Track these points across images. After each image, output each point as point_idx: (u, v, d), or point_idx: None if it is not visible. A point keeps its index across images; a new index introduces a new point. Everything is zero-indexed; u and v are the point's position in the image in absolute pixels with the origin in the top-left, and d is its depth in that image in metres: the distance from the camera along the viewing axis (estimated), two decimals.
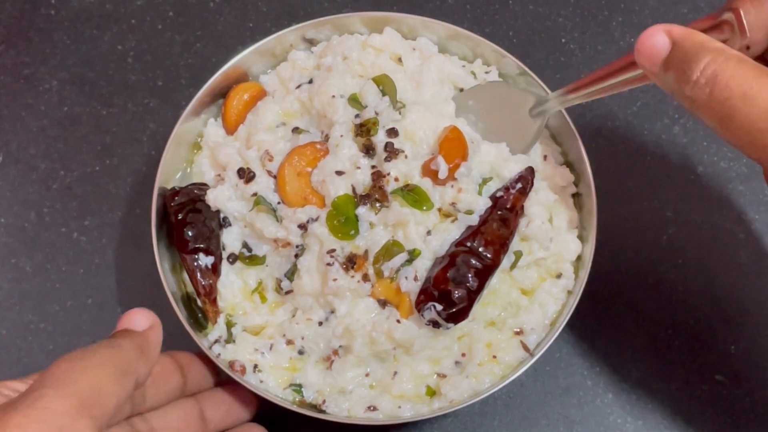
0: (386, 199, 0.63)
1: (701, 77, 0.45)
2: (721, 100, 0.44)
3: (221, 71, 0.71)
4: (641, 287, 0.76)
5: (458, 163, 0.63)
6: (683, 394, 0.72)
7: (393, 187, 0.63)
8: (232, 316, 0.68)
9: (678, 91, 0.47)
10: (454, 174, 0.63)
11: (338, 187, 0.64)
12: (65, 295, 0.76)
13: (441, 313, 0.61)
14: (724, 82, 0.44)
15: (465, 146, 0.64)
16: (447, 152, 0.63)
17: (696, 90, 0.45)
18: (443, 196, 0.64)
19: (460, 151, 0.64)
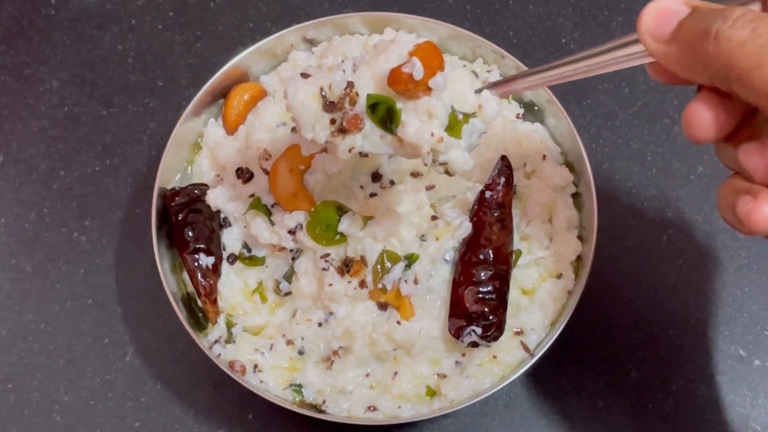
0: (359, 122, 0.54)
1: (740, 18, 0.43)
2: (759, 45, 0.41)
3: (221, 71, 0.71)
4: (641, 287, 0.76)
5: (434, 69, 0.53)
6: (683, 394, 0.72)
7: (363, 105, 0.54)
8: (233, 317, 0.68)
9: (688, 55, 0.45)
10: (429, 82, 0.52)
11: (299, 90, 0.55)
12: (65, 295, 0.76)
13: (481, 336, 0.61)
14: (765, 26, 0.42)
15: (441, 56, 0.54)
16: (423, 56, 0.53)
17: (734, 30, 0.42)
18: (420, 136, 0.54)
19: (436, 59, 0.53)
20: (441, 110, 0.53)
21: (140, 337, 0.74)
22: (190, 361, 0.73)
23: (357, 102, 0.53)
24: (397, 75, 0.52)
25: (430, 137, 0.53)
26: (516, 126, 0.71)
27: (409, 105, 0.53)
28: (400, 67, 0.52)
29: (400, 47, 0.54)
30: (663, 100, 0.82)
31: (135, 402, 0.72)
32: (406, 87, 0.52)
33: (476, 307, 0.62)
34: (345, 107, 0.54)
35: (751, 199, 0.46)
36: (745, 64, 0.42)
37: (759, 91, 0.42)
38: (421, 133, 0.53)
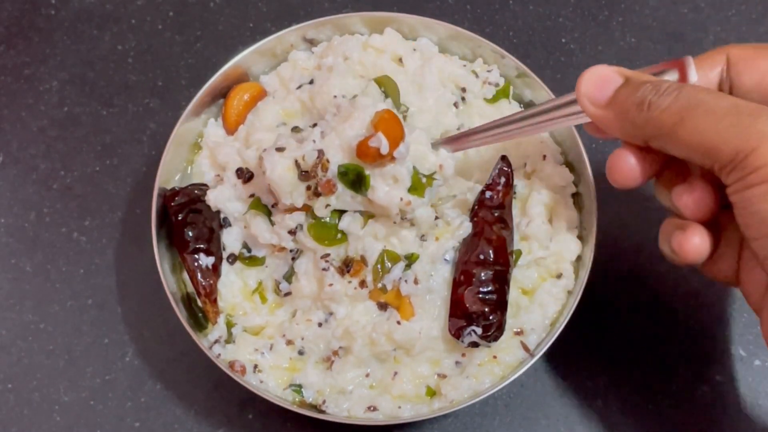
0: (332, 186, 0.61)
1: (667, 88, 0.50)
2: (681, 106, 0.49)
3: (221, 71, 0.71)
4: (641, 287, 0.76)
5: (398, 140, 0.60)
6: (683, 394, 0.72)
7: (334, 171, 0.61)
8: (232, 317, 0.68)
9: (622, 120, 0.52)
10: (393, 153, 0.60)
11: (275, 164, 0.61)
12: (65, 295, 0.76)
13: (481, 336, 0.61)
14: (687, 90, 0.50)
15: (401, 125, 0.61)
16: (386, 129, 0.60)
17: (662, 98, 0.50)
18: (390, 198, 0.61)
19: (398, 129, 0.60)
20: (405, 175, 0.61)
21: (140, 337, 0.74)
22: (190, 361, 0.73)
23: (328, 168, 0.60)
24: (365, 149, 0.60)
25: (399, 201, 0.61)
26: None
27: (376, 171, 0.61)
28: (367, 142, 0.59)
29: (362, 115, 0.61)
30: None
31: (135, 402, 0.72)
32: (374, 159, 0.60)
33: (476, 307, 0.62)
34: (318, 174, 0.61)
35: (682, 232, 0.54)
36: (670, 123, 0.49)
37: (684, 144, 0.49)
38: (390, 197, 0.61)
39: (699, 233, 0.53)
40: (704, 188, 0.53)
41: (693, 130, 0.48)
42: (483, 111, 0.72)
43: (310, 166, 0.61)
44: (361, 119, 0.61)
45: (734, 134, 0.46)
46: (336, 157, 0.60)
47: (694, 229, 0.53)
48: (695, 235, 0.53)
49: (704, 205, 0.53)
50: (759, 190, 0.46)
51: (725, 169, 0.48)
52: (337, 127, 0.61)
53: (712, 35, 0.87)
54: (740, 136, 0.46)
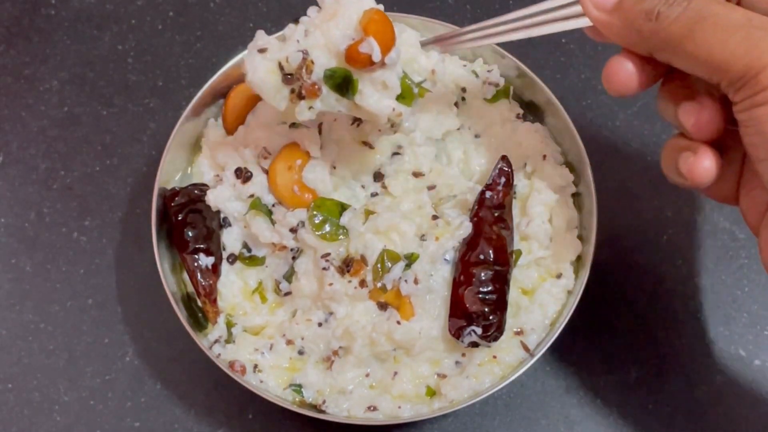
0: (316, 89, 0.58)
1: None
2: (690, 18, 0.46)
3: (221, 71, 0.71)
4: (641, 287, 0.76)
5: (389, 45, 0.57)
6: (683, 394, 0.72)
7: (319, 73, 0.58)
8: (232, 317, 0.68)
9: (627, 28, 0.49)
10: (385, 58, 0.57)
11: (257, 66, 0.58)
12: (65, 295, 0.76)
13: (481, 336, 0.61)
14: (698, 1, 0.47)
15: (393, 29, 0.58)
16: (377, 34, 0.56)
17: (671, 8, 0.47)
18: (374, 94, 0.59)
19: (389, 33, 0.57)
20: (395, 81, 0.58)
21: (140, 337, 0.74)
22: (190, 361, 0.73)
23: (313, 70, 0.57)
24: (355, 55, 0.56)
25: (390, 111, 0.59)
26: (516, 126, 0.71)
27: (365, 75, 0.57)
28: (357, 47, 0.56)
29: (348, 12, 0.57)
30: None
31: (135, 402, 0.72)
32: (364, 66, 0.56)
33: (476, 307, 0.62)
34: (302, 76, 0.57)
35: (691, 155, 0.50)
36: (678, 35, 0.46)
37: (692, 58, 0.46)
38: (379, 105, 0.58)
39: (709, 156, 0.50)
40: (713, 106, 0.49)
41: (702, 44, 0.46)
42: (483, 111, 0.72)
43: (294, 68, 0.57)
44: (347, 17, 0.57)
45: (745, 50, 0.44)
46: (321, 59, 0.57)
47: (704, 152, 0.50)
48: (705, 158, 0.50)
49: (713, 124, 0.50)
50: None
51: (734, 85, 0.46)
52: (321, 26, 0.57)
53: None
54: (751, 52, 0.44)
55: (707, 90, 0.50)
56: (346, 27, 0.57)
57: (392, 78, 0.58)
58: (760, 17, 0.46)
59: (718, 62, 0.45)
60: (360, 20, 0.57)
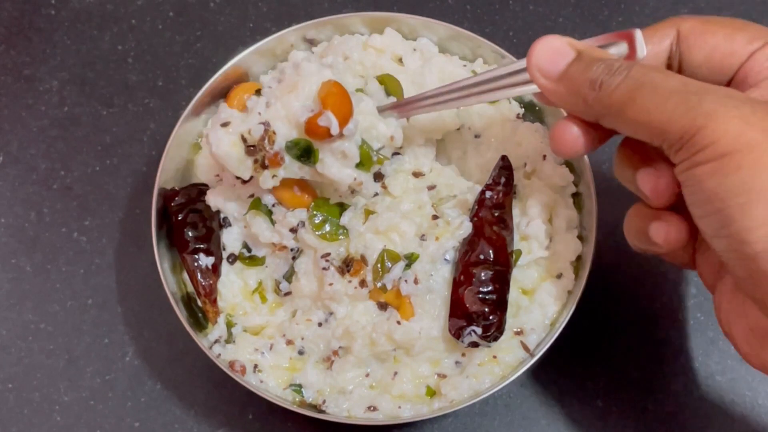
0: (279, 159, 0.60)
1: (619, 67, 0.49)
2: (630, 86, 0.48)
3: (221, 71, 0.71)
4: (641, 287, 0.76)
5: (347, 117, 0.59)
6: (683, 394, 0.72)
7: (281, 143, 0.60)
8: (233, 316, 0.68)
9: (573, 96, 0.51)
10: (343, 130, 0.59)
11: (221, 140, 0.61)
12: (65, 295, 0.76)
13: (481, 336, 0.61)
14: (637, 69, 0.49)
15: (350, 101, 0.60)
16: (335, 107, 0.58)
17: (613, 77, 0.49)
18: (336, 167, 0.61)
19: (345, 105, 0.59)
20: (354, 150, 0.61)
21: (140, 337, 0.74)
22: (190, 361, 0.73)
23: (275, 141, 0.59)
24: (314, 127, 0.59)
25: (351, 180, 0.62)
26: (516, 126, 0.71)
27: (325, 146, 0.60)
28: (315, 120, 0.58)
29: (307, 85, 0.60)
30: None
31: (135, 402, 0.72)
32: (323, 137, 0.59)
33: (476, 307, 0.62)
34: (265, 147, 0.60)
35: (663, 224, 0.53)
36: (620, 102, 0.48)
37: (634, 123, 0.48)
38: (341, 174, 0.62)
39: (676, 221, 0.52)
40: (669, 172, 0.51)
41: (641, 110, 0.47)
42: (483, 111, 0.71)
43: (256, 140, 0.59)
44: (306, 89, 0.59)
45: (681, 114, 0.46)
46: (282, 129, 0.59)
47: (670, 218, 0.53)
48: (674, 224, 0.52)
49: (671, 189, 0.51)
50: (705, 169, 0.45)
51: (673, 147, 0.47)
52: (282, 98, 0.60)
53: None
54: (687, 116, 0.46)
55: (663, 156, 0.50)
56: (305, 98, 0.59)
57: (351, 148, 0.61)
58: (696, 82, 0.47)
59: (658, 126, 0.47)
60: (318, 92, 0.59)
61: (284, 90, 0.60)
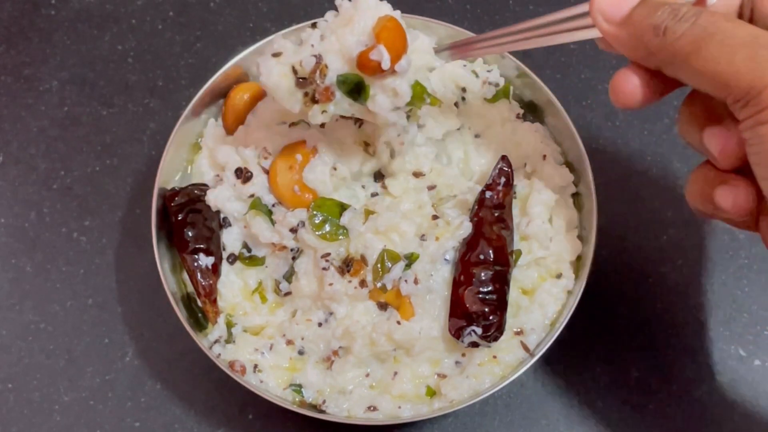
0: (330, 94, 0.59)
1: (685, 14, 0.47)
2: (697, 34, 0.46)
3: (221, 71, 0.71)
4: (641, 287, 0.75)
5: (399, 53, 0.58)
6: (683, 394, 0.72)
7: (333, 78, 0.59)
8: (233, 316, 0.68)
9: (636, 41, 0.49)
10: (395, 66, 0.58)
11: (272, 70, 0.59)
12: (65, 295, 0.76)
13: (481, 336, 0.61)
14: (705, 17, 0.46)
15: (405, 37, 0.59)
16: (388, 41, 0.57)
17: (679, 24, 0.47)
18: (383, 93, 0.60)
19: (400, 40, 0.58)
20: (405, 89, 0.59)
21: (140, 337, 0.74)
22: (190, 361, 0.73)
23: (327, 75, 0.58)
24: (365, 61, 0.57)
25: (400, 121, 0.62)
26: (516, 126, 0.71)
27: (377, 82, 0.59)
28: (368, 54, 0.57)
29: (363, 19, 0.58)
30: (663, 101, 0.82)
31: (135, 402, 0.72)
32: (374, 72, 0.57)
33: (476, 307, 0.62)
34: (316, 80, 0.58)
35: (730, 188, 0.49)
36: (685, 50, 0.46)
37: (698, 74, 0.46)
38: (391, 114, 0.61)
39: (744, 185, 0.49)
40: (738, 131, 0.47)
41: (707, 60, 0.45)
42: (483, 111, 0.71)
43: (308, 73, 0.58)
44: (362, 24, 0.58)
45: (749, 68, 0.44)
46: (335, 64, 0.58)
47: (738, 181, 0.49)
48: (743, 188, 0.49)
49: (740, 150, 0.48)
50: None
51: (738, 103, 0.45)
52: (337, 31, 0.58)
53: None
54: (755, 71, 0.44)
55: (732, 114, 0.47)
56: (360, 33, 0.58)
57: (402, 85, 0.59)
58: (767, 35, 0.45)
59: (723, 79, 0.45)
60: (373, 27, 0.57)
61: (339, 23, 0.59)
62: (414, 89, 0.60)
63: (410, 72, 0.59)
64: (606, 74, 0.84)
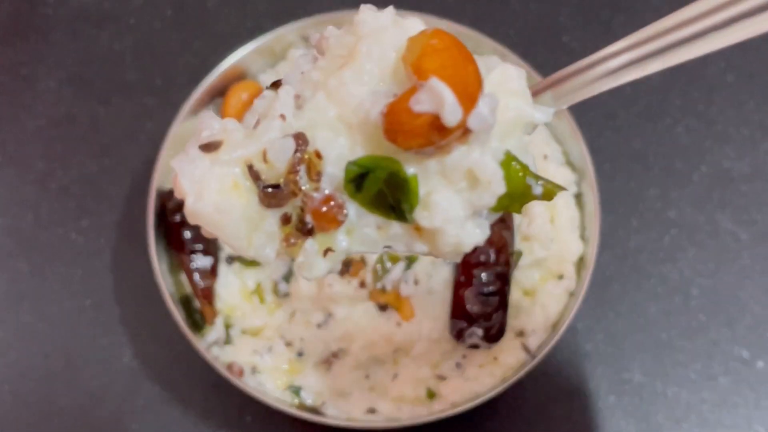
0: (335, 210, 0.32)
1: None
2: None
3: (220, 70, 0.70)
4: (643, 289, 0.75)
5: (474, 93, 0.30)
6: (686, 396, 0.72)
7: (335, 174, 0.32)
8: (231, 318, 0.67)
9: None
10: (468, 121, 0.30)
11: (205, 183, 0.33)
12: (63, 296, 0.76)
13: (482, 337, 0.61)
14: None
15: (473, 62, 0.31)
16: (445, 72, 0.29)
17: None
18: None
19: (465, 69, 0.30)
20: (493, 168, 0.30)
21: (138, 339, 0.74)
22: (188, 363, 0.72)
23: (322, 172, 0.31)
24: (402, 117, 0.29)
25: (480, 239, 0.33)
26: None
27: (431, 165, 0.30)
28: (406, 102, 0.29)
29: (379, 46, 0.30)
30: (665, 100, 0.82)
31: (132, 404, 0.72)
32: (428, 140, 0.29)
33: (477, 308, 0.62)
34: (300, 186, 0.31)
35: None
36: None
37: None
38: (466, 228, 0.32)
39: None
40: None
41: None
42: None
43: (282, 172, 0.31)
44: (376, 56, 0.31)
45: None
46: (336, 146, 0.31)
47: None
48: None
49: None
50: None
51: None
52: (326, 82, 0.32)
53: None
54: None
55: None
56: (376, 75, 0.31)
57: (487, 162, 0.31)
58: None
59: None
60: (405, 56, 0.31)
61: (329, 68, 0.33)
62: (507, 169, 0.33)
63: (495, 134, 0.32)
64: None
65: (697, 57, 0.34)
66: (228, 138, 0.32)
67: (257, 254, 0.32)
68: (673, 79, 0.81)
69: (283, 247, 0.32)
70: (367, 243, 0.32)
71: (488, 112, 0.30)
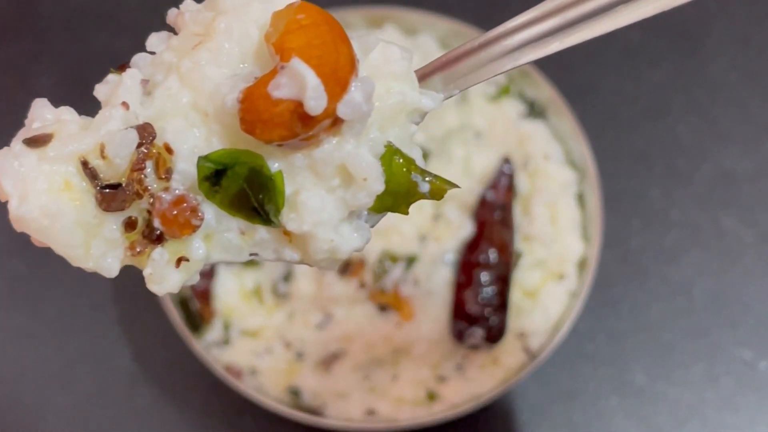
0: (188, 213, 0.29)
1: None
2: None
3: None
4: (645, 289, 0.75)
5: (344, 76, 0.27)
6: (688, 397, 0.71)
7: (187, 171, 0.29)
8: (230, 318, 0.67)
9: None
10: (338, 108, 0.27)
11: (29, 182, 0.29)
12: (60, 296, 0.75)
13: (482, 338, 0.61)
14: None
15: (346, 40, 0.28)
16: (310, 51, 0.26)
17: None
18: None
19: (336, 48, 0.27)
20: (369, 162, 0.27)
21: (135, 340, 0.74)
22: (186, 364, 0.72)
23: (172, 168, 0.27)
24: (260, 105, 0.25)
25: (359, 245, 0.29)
26: (518, 125, 0.71)
27: (297, 159, 0.27)
28: (265, 86, 0.25)
29: (240, 22, 0.27)
30: (668, 99, 0.81)
31: (130, 405, 0.72)
32: (291, 131, 0.25)
33: (478, 309, 0.61)
34: (146, 186, 0.27)
35: None
36: None
37: None
38: (331, 230, 0.28)
39: None
40: None
41: None
42: (485, 110, 0.71)
43: (123, 171, 0.28)
44: (236, 34, 0.28)
45: None
46: (189, 138, 0.28)
47: None
48: None
49: None
50: None
51: None
52: (179, 65, 0.29)
53: (717, 31, 0.86)
54: None
55: None
56: (236, 55, 0.28)
57: (362, 155, 0.28)
58: None
59: None
60: (268, 33, 0.27)
61: (183, 48, 0.30)
62: (388, 164, 0.29)
63: (374, 123, 0.28)
64: (610, 72, 0.83)
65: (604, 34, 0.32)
66: (60, 130, 0.28)
67: (97, 265, 0.29)
68: (675, 78, 0.81)
69: (128, 256, 0.30)
70: (229, 250, 0.29)
71: (362, 98, 0.26)
